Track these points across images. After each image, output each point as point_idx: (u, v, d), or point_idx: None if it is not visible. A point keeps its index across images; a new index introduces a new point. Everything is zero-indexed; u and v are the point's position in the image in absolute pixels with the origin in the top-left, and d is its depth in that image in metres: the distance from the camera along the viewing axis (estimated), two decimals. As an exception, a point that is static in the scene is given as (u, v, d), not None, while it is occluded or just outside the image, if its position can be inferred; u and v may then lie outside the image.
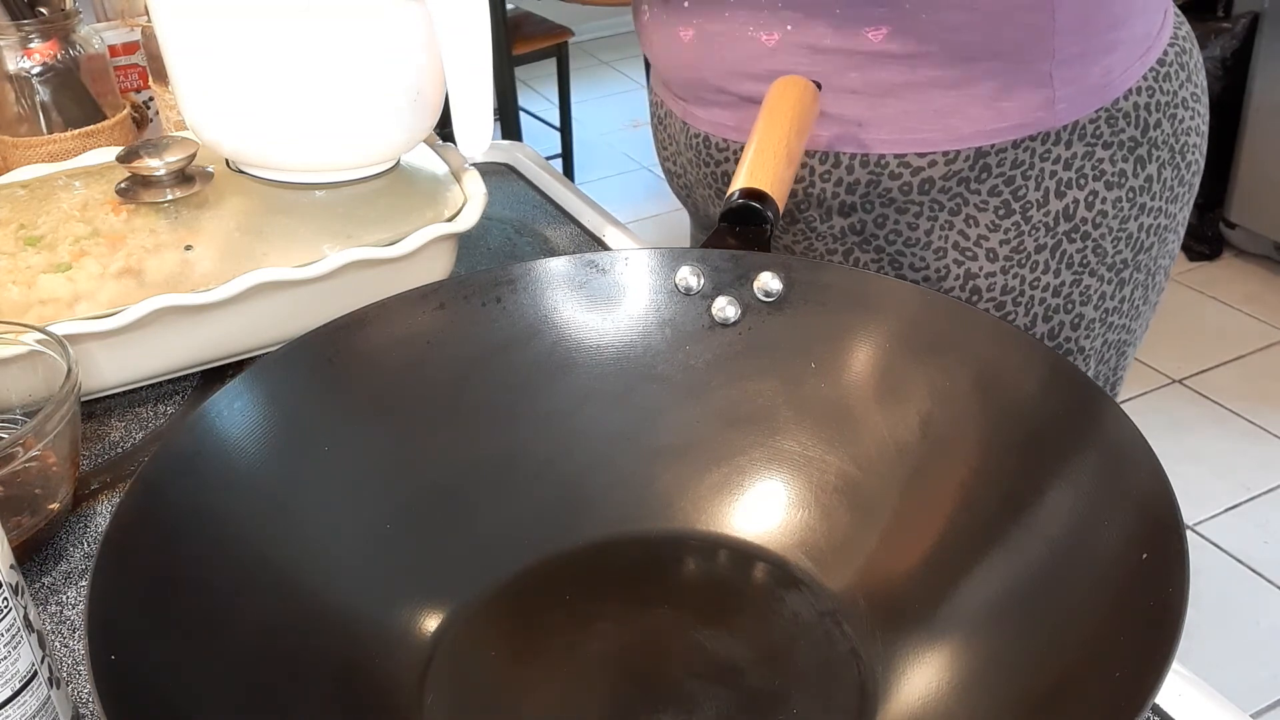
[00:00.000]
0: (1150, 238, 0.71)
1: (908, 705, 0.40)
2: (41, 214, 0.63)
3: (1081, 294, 0.70)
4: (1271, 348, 2.21)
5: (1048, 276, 0.69)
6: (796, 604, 0.45)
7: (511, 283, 0.51)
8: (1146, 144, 0.69)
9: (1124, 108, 0.68)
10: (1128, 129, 0.68)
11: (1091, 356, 0.73)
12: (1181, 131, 0.71)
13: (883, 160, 0.67)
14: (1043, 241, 0.68)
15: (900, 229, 0.69)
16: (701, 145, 0.75)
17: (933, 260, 0.69)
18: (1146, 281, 0.73)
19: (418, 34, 0.61)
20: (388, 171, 0.67)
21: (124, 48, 0.92)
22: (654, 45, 0.74)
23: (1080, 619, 0.37)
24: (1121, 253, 0.70)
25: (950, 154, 0.66)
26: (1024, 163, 0.67)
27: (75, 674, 0.46)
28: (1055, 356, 0.44)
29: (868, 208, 0.69)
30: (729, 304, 0.51)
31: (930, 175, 0.67)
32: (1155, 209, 0.70)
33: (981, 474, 0.44)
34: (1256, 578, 1.69)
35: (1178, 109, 0.70)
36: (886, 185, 0.68)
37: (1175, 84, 0.70)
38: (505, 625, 0.45)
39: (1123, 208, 0.69)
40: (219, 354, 0.63)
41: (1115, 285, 0.71)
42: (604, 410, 0.51)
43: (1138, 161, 0.68)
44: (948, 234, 0.69)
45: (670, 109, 0.78)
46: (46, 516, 0.51)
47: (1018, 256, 0.68)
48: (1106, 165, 0.67)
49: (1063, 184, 0.67)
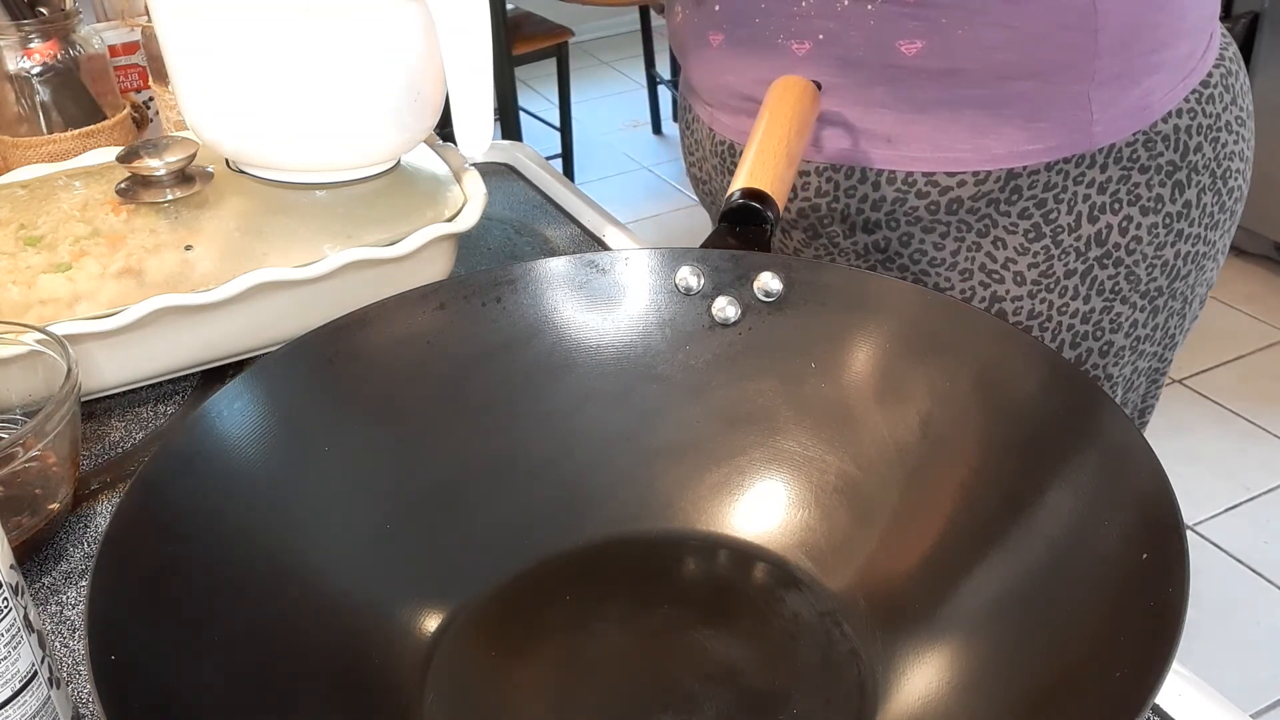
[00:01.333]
0: (1188, 265, 0.69)
1: (908, 705, 0.40)
2: (41, 214, 0.63)
3: (1112, 321, 0.68)
4: (1271, 348, 2.21)
5: (1077, 303, 0.67)
6: (796, 604, 0.45)
7: (511, 283, 0.51)
8: (1186, 168, 0.66)
9: (1163, 130, 0.65)
10: (1166, 152, 0.66)
11: (1120, 384, 0.71)
12: (1224, 156, 0.68)
13: (910, 178, 0.66)
14: (1073, 267, 0.66)
15: (925, 248, 0.68)
16: (727, 153, 0.74)
17: (958, 282, 0.68)
18: (1182, 310, 0.71)
19: (418, 34, 0.61)
20: (388, 171, 0.67)
21: (124, 48, 0.92)
22: (684, 48, 0.73)
23: (1080, 619, 0.37)
24: (1156, 280, 0.68)
25: (981, 174, 0.64)
26: (1056, 185, 0.65)
27: (75, 674, 0.46)
28: (1055, 356, 0.44)
29: (893, 225, 0.67)
30: (729, 304, 0.51)
31: (959, 195, 0.65)
32: (1194, 235, 0.68)
33: (981, 474, 0.44)
34: (1256, 578, 1.69)
35: (1220, 132, 0.68)
36: (914, 204, 0.66)
37: (1219, 106, 0.68)
38: (505, 625, 0.45)
39: (1159, 234, 0.66)
40: (219, 354, 0.63)
41: (1148, 313, 0.69)
42: (604, 410, 0.51)
43: (1176, 186, 0.66)
44: (974, 255, 0.67)
45: (697, 114, 0.76)
46: (46, 516, 0.51)
47: (1046, 281, 0.66)
48: (1143, 190, 0.65)
49: (1096, 208, 0.65)
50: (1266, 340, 2.23)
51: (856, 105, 0.64)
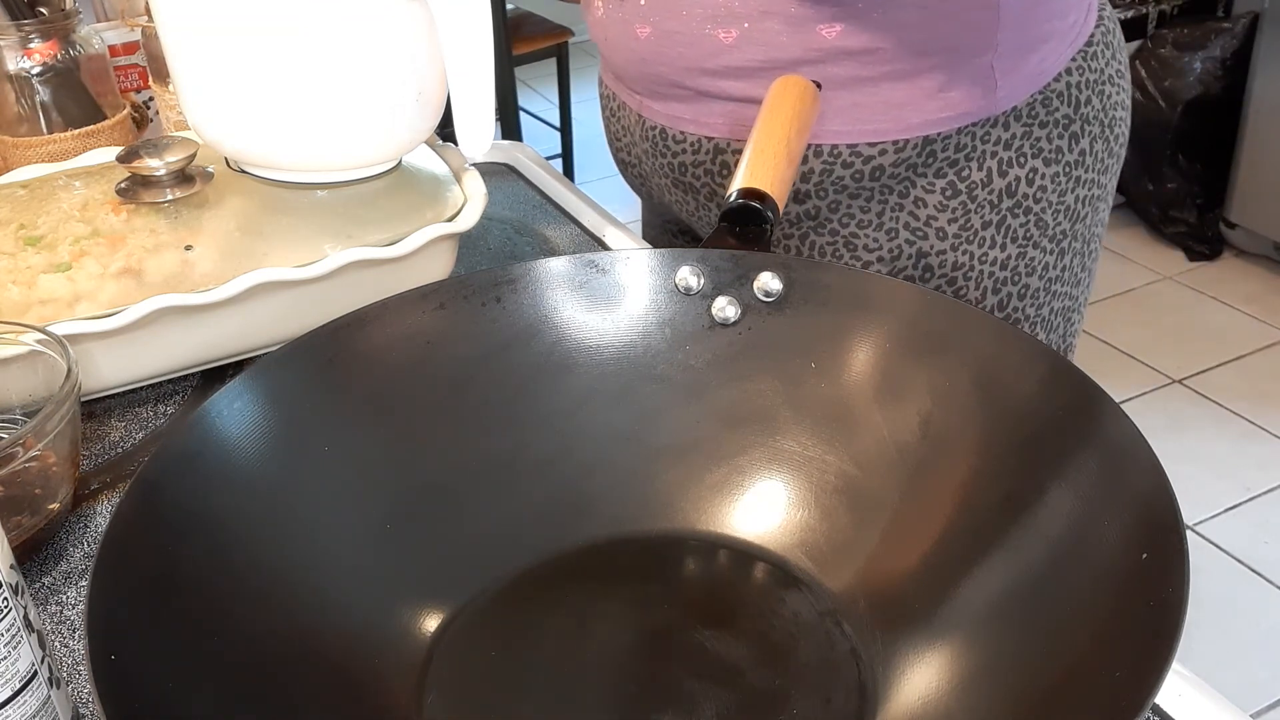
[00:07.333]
0: (1085, 208, 0.76)
1: (908, 705, 0.40)
2: (41, 214, 0.63)
3: (1027, 266, 0.74)
4: (1271, 348, 2.21)
5: (995, 251, 0.73)
6: (796, 604, 0.45)
7: (511, 283, 0.51)
8: (1079, 120, 0.73)
9: (1057, 88, 0.72)
10: (1062, 108, 0.72)
11: (1039, 325, 0.78)
12: (1110, 106, 0.75)
13: (835, 150, 0.70)
14: (989, 218, 0.72)
15: (854, 212, 0.73)
16: (659, 137, 0.77)
17: (885, 241, 0.73)
18: (1084, 250, 0.78)
19: (419, 34, 0.61)
20: (389, 172, 0.67)
21: (124, 48, 0.92)
22: (609, 40, 0.76)
23: (1080, 619, 0.37)
24: (1061, 224, 0.74)
25: (900, 143, 0.69)
26: (967, 146, 0.70)
27: (75, 674, 0.46)
28: (1055, 356, 0.44)
29: (821, 195, 0.72)
30: (729, 304, 0.51)
31: (881, 163, 0.70)
32: (1089, 180, 0.75)
33: (981, 474, 0.44)
34: (1256, 578, 1.69)
35: (1105, 85, 0.75)
36: (840, 174, 0.71)
37: (1102, 62, 0.74)
38: (505, 625, 0.45)
39: (1060, 182, 0.73)
40: (219, 354, 0.63)
41: (1056, 255, 0.75)
42: (604, 410, 0.51)
43: (1071, 137, 0.73)
44: (898, 215, 0.72)
45: (624, 101, 0.80)
46: (46, 516, 0.51)
47: (966, 234, 0.72)
48: (1044, 143, 0.72)
49: (1004, 163, 0.71)
50: (1266, 340, 2.23)
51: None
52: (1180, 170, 2.43)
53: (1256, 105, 2.28)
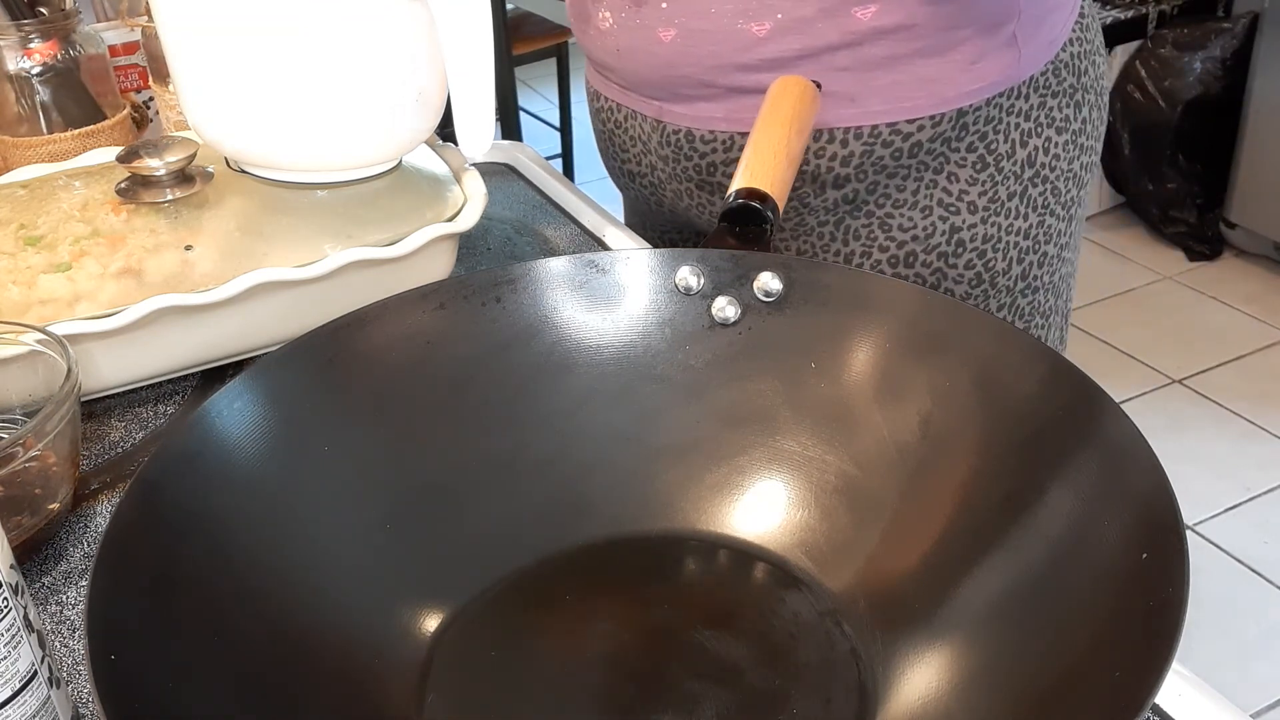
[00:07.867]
0: (1086, 174, 0.79)
1: (908, 705, 0.40)
2: (41, 214, 0.63)
3: (1045, 233, 0.77)
4: (1271, 348, 2.21)
5: (1019, 221, 0.75)
6: (796, 604, 0.45)
7: (511, 283, 0.51)
8: (1080, 89, 0.76)
9: (1063, 58, 0.74)
10: (1068, 77, 0.75)
11: (1050, 290, 0.81)
12: (1099, 75, 0.78)
13: (875, 130, 0.71)
14: (1013, 189, 0.74)
15: (890, 192, 0.74)
16: (683, 141, 0.76)
17: (919, 219, 0.74)
18: (1080, 215, 0.81)
19: (420, 35, 0.61)
20: (389, 172, 0.67)
21: (124, 48, 0.92)
22: (621, 51, 0.76)
23: (1080, 619, 0.37)
24: (1070, 191, 0.77)
25: (936, 117, 0.71)
26: (994, 118, 0.73)
27: (75, 674, 0.46)
28: (1055, 356, 0.44)
29: (861, 177, 0.73)
30: (729, 304, 0.51)
31: (919, 139, 0.72)
32: (1089, 148, 0.78)
33: (981, 474, 0.44)
34: (1256, 578, 1.69)
35: (1095, 55, 0.78)
36: (880, 154, 0.72)
37: (1091, 34, 0.77)
38: (505, 625, 0.45)
39: (1069, 150, 0.76)
40: (219, 354, 0.63)
41: (1067, 221, 0.79)
42: (604, 410, 0.51)
43: (1075, 106, 0.76)
44: (932, 192, 0.74)
45: (636, 110, 0.79)
46: (46, 516, 0.51)
47: (994, 205, 0.74)
48: (1055, 112, 0.75)
49: (1025, 134, 0.74)
50: (1266, 340, 2.23)
51: (818, 73, 0.69)
52: (1180, 170, 2.43)
53: (1256, 105, 2.28)
